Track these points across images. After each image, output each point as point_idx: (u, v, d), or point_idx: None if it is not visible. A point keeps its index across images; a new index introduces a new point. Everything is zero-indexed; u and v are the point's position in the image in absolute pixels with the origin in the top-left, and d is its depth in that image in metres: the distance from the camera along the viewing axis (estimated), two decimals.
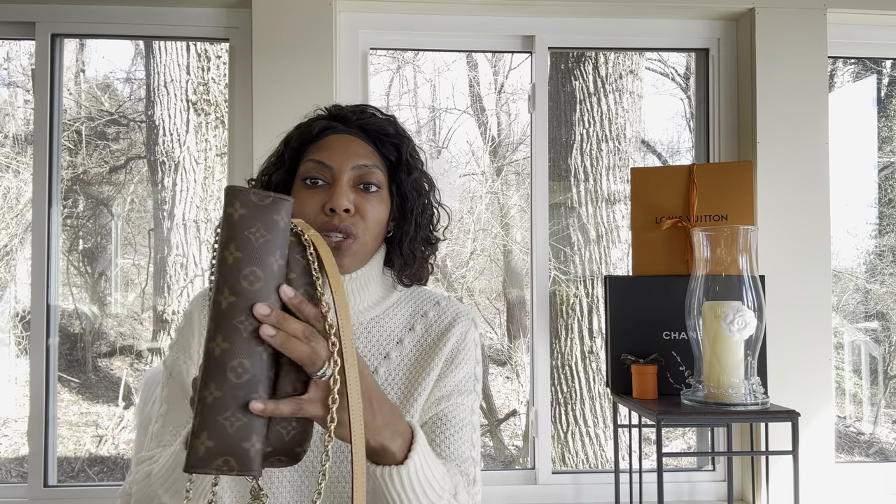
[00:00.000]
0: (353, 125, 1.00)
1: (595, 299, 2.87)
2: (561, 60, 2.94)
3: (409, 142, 1.02)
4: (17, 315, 2.60)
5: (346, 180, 0.93)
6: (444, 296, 1.05)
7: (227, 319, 0.61)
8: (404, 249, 1.00)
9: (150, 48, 2.79)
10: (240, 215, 0.63)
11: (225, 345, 0.61)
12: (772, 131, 1.97)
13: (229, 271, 0.62)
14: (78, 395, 2.95)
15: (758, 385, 1.59)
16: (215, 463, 0.60)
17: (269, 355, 0.63)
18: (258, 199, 0.63)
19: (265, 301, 0.62)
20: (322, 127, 0.99)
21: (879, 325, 2.59)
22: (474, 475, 0.94)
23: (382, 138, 1.00)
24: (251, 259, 0.62)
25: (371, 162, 0.96)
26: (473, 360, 1.00)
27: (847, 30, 2.10)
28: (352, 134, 0.99)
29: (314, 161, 0.95)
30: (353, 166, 0.94)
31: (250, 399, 0.61)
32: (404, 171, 1.00)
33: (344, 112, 1.02)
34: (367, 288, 0.98)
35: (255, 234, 0.63)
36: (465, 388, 0.97)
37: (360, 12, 2.03)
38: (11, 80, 2.66)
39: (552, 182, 2.15)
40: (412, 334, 0.99)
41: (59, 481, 1.98)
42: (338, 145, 0.96)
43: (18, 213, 2.83)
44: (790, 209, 1.96)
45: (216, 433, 0.60)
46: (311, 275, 0.67)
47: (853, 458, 2.59)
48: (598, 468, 2.86)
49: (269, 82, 1.89)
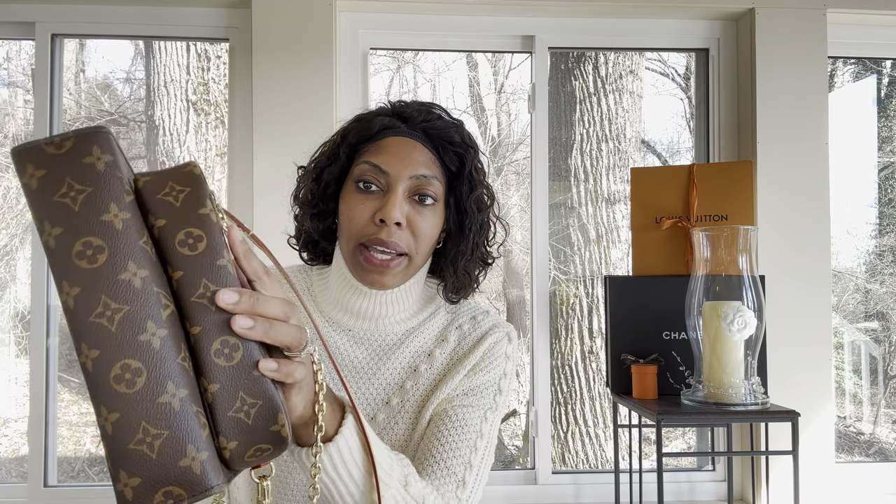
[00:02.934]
0: (416, 127, 0.91)
1: (595, 299, 2.87)
2: (561, 60, 2.94)
3: (474, 153, 0.94)
4: (17, 315, 2.60)
5: (401, 191, 0.86)
6: (483, 310, 0.99)
7: (81, 319, 0.45)
8: (459, 269, 0.93)
9: (149, 48, 2.79)
10: (39, 179, 0.46)
11: (94, 352, 0.44)
12: (772, 131, 1.97)
13: (58, 257, 0.45)
14: (78, 395, 2.94)
15: (758, 385, 1.59)
16: (155, 502, 0.45)
17: (167, 335, 0.46)
18: (55, 149, 0.46)
19: (113, 278, 0.45)
20: (383, 125, 0.91)
21: (879, 325, 2.59)
22: (464, 478, 0.84)
23: (446, 145, 0.92)
24: (75, 229, 0.45)
25: (431, 172, 0.88)
26: (500, 372, 0.92)
27: (847, 30, 2.10)
28: (414, 137, 0.90)
29: (370, 164, 0.87)
30: (411, 175, 0.86)
31: (161, 401, 0.45)
32: (466, 185, 0.92)
33: (409, 110, 0.93)
34: (406, 300, 0.93)
35: (68, 196, 0.45)
36: (482, 393, 0.90)
37: (360, 12, 2.03)
38: (11, 80, 2.66)
39: (552, 182, 2.15)
40: (444, 346, 0.94)
41: (59, 481, 1.98)
42: (398, 150, 0.88)
43: (18, 213, 2.83)
44: (790, 209, 1.96)
45: (136, 466, 0.44)
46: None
47: (853, 458, 2.59)
48: (598, 468, 2.86)
49: (269, 82, 1.89)
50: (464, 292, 0.96)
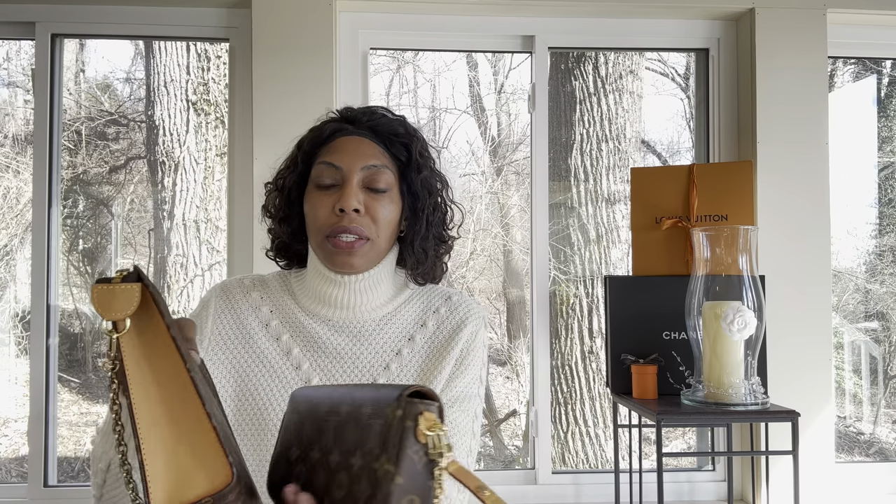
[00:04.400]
0: (362, 126, 1.00)
1: (595, 299, 2.87)
2: (561, 60, 2.94)
3: (418, 141, 1.02)
4: (17, 315, 2.60)
5: (355, 181, 0.94)
6: (455, 291, 1.06)
7: None
8: (416, 248, 1.01)
9: (149, 48, 2.79)
10: None
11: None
12: (772, 131, 1.97)
13: None
14: (78, 395, 2.94)
15: (758, 385, 1.59)
16: None
17: None
18: None
19: None
20: (333, 129, 1.00)
21: (879, 325, 2.59)
22: None
23: (392, 138, 1.00)
24: None
25: (380, 162, 0.97)
26: (480, 363, 1.00)
27: (847, 30, 2.10)
28: (361, 135, 0.99)
29: (325, 163, 0.96)
30: (362, 167, 0.95)
31: None
32: (414, 170, 1.00)
33: (354, 113, 1.02)
34: (377, 287, 0.99)
35: None
36: (470, 393, 0.98)
37: (360, 12, 2.03)
38: (11, 80, 2.65)
39: (552, 182, 2.15)
40: (424, 331, 1.00)
41: (59, 481, 1.98)
42: (347, 147, 0.97)
43: (18, 213, 2.83)
44: (790, 209, 1.96)
45: None
46: None
47: (853, 458, 2.59)
48: (598, 468, 2.86)
49: (269, 82, 1.89)
50: (429, 274, 1.04)
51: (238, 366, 0.98)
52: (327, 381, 0.96)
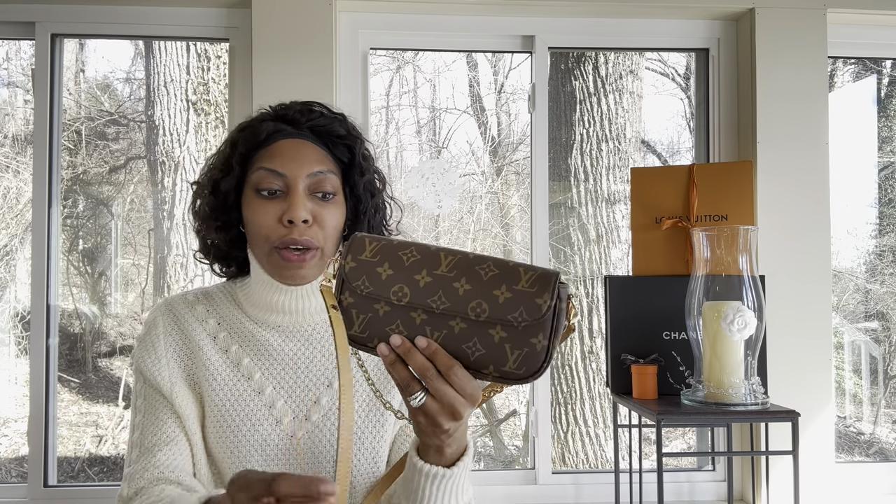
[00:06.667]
0: (302, 127, 0.97)
1: (595, 299, 2.87)
2: (561, 60, 2.94)
3: (360, 142, 1.00)
4: (17, 315, 2.60)
5: (301, 189, 0.91)
6: None
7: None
8: None
9: (149, 48, 2.79)
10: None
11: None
12: (772, 131, 1.97)
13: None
14: (78, 395, 2.94)
15: (758, 385, 1.59)
16: None
17: None
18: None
19: None
20: (270, 130, 0.96)
21: (879, 325, 2.59)
22: None
23: (334, 140, 0.98)
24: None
25: (325, 167, 0.94)
26: None
27: (847, 30, 2.10)
28: (303, 137, 0.96)
29: (266, 169, 0.92)
30: (308, 174, 0.92)
31: None
32: (357, 173, 0.99)
33: (291, 113, 0.99)
34: None
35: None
36: None
37: (360, 12, 2.03)
38: (11, 80, 2.65)
39: (552, 182, 2.15)
40: None
41: (59, 481, 1.98)
42: (289, 152, 0.93)
43: (18, 213, 2.83)
44: (790, 209, 1.96)
45: None
46: None
47: (853, 458, 2.59)
48: (598, 468, 2.86)
49: (269, 82, 1.89)
50: None
51: (194, 382, 0.95)
52: (280, 390, 0.94)
